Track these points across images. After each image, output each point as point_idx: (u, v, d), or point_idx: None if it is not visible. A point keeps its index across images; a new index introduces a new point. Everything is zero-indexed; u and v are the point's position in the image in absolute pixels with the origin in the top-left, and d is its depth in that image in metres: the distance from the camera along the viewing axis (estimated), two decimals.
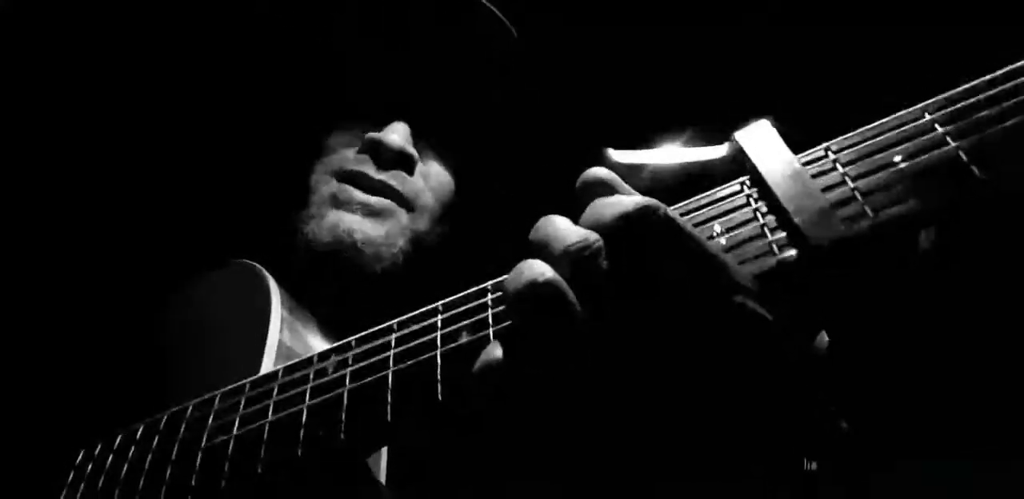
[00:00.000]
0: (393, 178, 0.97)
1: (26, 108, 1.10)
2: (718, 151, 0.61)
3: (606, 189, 0.54)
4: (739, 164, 0.56)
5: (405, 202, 0.98)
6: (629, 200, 0.51)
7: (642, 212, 0.49)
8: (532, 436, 0.55)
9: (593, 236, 0.50)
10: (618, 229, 0.50)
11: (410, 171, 0.99)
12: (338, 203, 0.94)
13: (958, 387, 0.69)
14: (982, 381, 0.70)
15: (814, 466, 0.63)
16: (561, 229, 0.52)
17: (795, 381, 0.56)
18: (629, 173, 0.83)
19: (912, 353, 0.63)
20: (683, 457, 0.56)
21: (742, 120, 0.57)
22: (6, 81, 1.11)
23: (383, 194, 0.96)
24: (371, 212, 0.95)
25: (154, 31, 1.17)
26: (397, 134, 0.97)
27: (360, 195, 0.95)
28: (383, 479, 0.71)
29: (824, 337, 0.59)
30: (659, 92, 1.46)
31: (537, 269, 0.50)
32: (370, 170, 0.96)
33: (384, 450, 0.72)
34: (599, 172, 0.55)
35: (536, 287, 0.49)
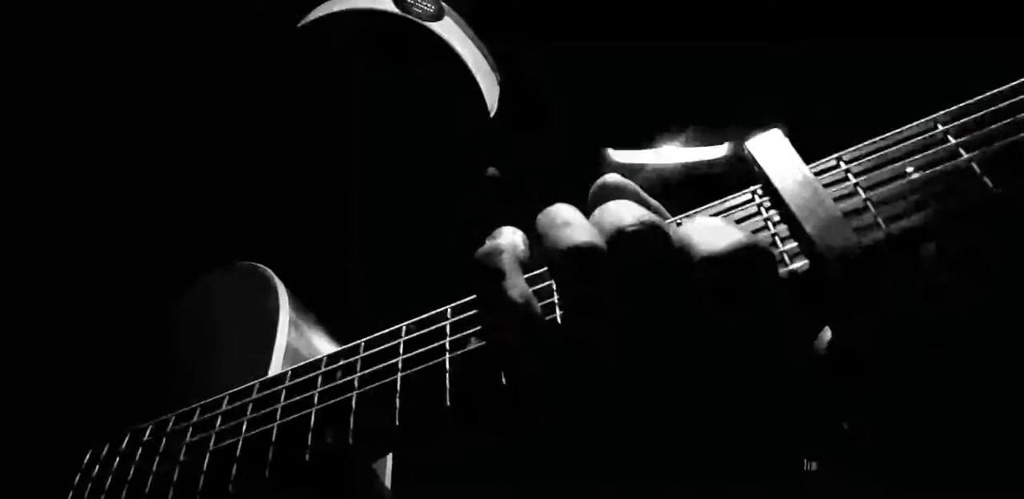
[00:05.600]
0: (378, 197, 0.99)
1: (28, 108, 1.10)
2: (718, 151, 0.61)
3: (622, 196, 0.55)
4: (739, 164, 0.56)
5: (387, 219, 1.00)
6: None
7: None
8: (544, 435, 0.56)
9: None
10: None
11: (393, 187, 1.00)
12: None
13: (964, 393, 0.70)
14: (988, 389, 0.70)
15: (814, 466, 0.64)
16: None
17: (796, 379, 0.56)
18: (630, 173, 0.82)
19: (918, 360, 0.63)
20: (684, 456, 0.56)
21: (742, 120, 0.57)
22: (6, 81, 1.11)
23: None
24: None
25: (163, 30, 1.17)
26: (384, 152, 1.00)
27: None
28: (388, 484, 0.71)
29: (826, 335, 0.59)
30: (659, 92, 1.46)
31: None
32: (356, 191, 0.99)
33: (389, 455, 0.72)
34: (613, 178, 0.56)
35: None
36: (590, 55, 1.46)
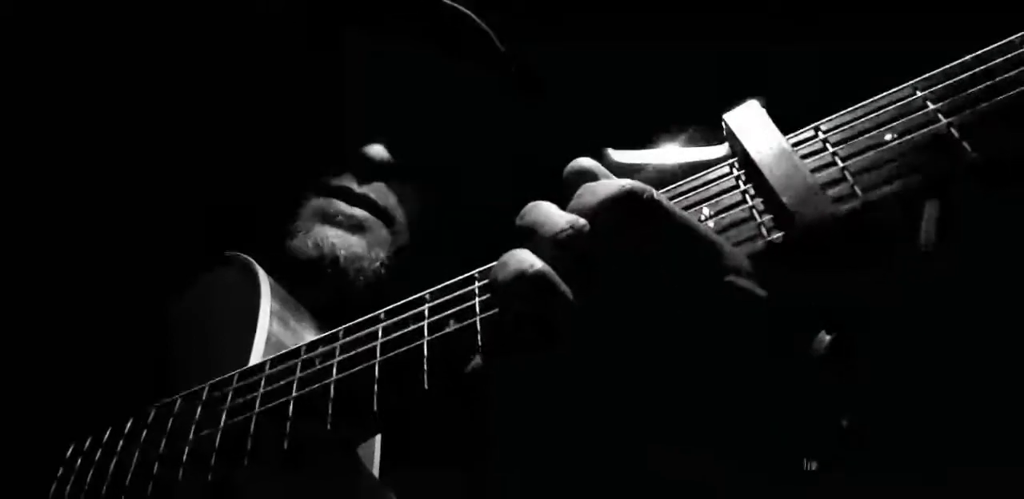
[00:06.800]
0: (374, 191, 0.98)
1: (26, 107, 1.11)
2: (718, 151, 0.60)
3: (593, 177, 0.54)
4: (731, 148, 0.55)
5: (385, 215, 0.99)
6: (615, 183, 0.50)
7: (627, 194, 0.49)
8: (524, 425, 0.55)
9: (580, 221, 0.49)
10: (604, 211, 0.49)
11: (390, 183, 0.99)
12: (324, 217, 0.96)
13: (963, 382, 0.68)
14: (987, 378, 0.68)
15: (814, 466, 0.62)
16: (548, 214, 0.51)
17: (796, 377, 0.55)
18: (630, 172, 0.81)
19: (912, 344, 0.61)
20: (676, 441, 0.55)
21: None
22: (6, 81, 1.11)
23: (365, 207, 0.97)
24: (354, 225, 0.96)
25: (155, 31, 1.17)
26: (379, 146, 0.98)
27: (345, 208, 0.96)
28: (375, 470, 0.70)
29: (825, 336, 0.58)
30: (660, 92, 1.45)
31: (525, 259, 0.49)
32: (352, 184, 0.98)
33: (377, 439, 0.72)
34: (584, 162, 0.55)
35: (524, 279, 0.48)
36: (590, 55, 1.45)
